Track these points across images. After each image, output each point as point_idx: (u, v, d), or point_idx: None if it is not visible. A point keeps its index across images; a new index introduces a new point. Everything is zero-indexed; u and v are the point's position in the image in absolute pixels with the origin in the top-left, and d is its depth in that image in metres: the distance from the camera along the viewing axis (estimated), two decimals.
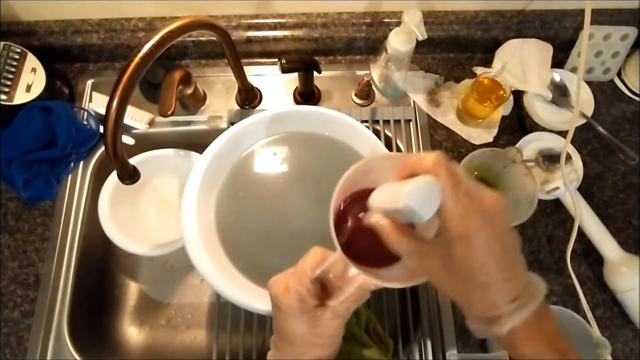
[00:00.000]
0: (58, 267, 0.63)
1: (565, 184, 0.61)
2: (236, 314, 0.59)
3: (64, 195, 0.66)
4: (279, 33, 0.71)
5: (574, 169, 0.65)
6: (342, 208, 0.33)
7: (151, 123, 0.71)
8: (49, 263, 0.63)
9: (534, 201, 0.56)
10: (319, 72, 0.63)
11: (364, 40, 0.73)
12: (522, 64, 0.70)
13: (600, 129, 0.68)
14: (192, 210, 0.50)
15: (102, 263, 0.72)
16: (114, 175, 0.65)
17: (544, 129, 0.70)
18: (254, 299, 0.47)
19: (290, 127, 0.58)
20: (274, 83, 0.74)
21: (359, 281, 0.32)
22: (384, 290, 0.48)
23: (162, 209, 0.72)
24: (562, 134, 0.69)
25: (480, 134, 0.70)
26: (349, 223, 0.33)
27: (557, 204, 0.65)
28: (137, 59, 0.42)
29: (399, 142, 0.70)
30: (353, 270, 0.32)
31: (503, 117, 0.71)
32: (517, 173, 0.59)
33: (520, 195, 0.60)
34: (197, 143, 0.71)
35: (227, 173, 0.56)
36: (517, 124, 0.72)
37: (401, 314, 0.60)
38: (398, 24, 0.61)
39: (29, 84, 0.65)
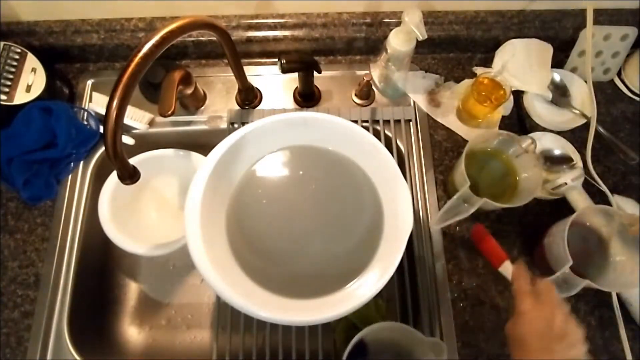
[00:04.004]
0: (58, 267, 0.63)
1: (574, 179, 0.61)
2: (236, 314, 0.59)
3: (64, 195, 0.66)
4: (279, 33, 0.71)
5: (579, 166, 0.65)
6: None
7: (151, 123, 0.71)
8: (49, 263, 0.63)
9: (534, 192, 0.56)
10: (319, 72, 0.63)
11: (364, 40, 0.73)
12: (522, 64, 0.70)
13: (601, 129, 0.68)
14: (196, 210, 0.49)
15: (102, 263, 0.72)
16: (114, 175, 0.65)
17: (544, 129, 0.70)
18: (252, 302, 0.47)
19: (305, 139, 0.57)
20: (274, 83, 0.74)
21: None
22: (384, 293, 0.51)
23: (162, 209, 0.72)
24: (562, 134, 0.69)
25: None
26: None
27: (558, 204, 0.65)
28: (137, 59, 0.41)
29: (399, 142, 0.70)
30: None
31: (503, 117, 0.71)
32: (527, 162, 0.59)
33: (523, 182, 0.60)
34: (197, 143, 0.71)
35: (240, 179, 0.56)
36: (517, 124, 0.72)
37: (401, 316, 0.61)
38: (398, 24, 0.61)
39: (29, 84, 0.65)
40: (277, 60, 0.59)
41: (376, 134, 0.68)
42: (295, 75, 0.66)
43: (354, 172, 0.57)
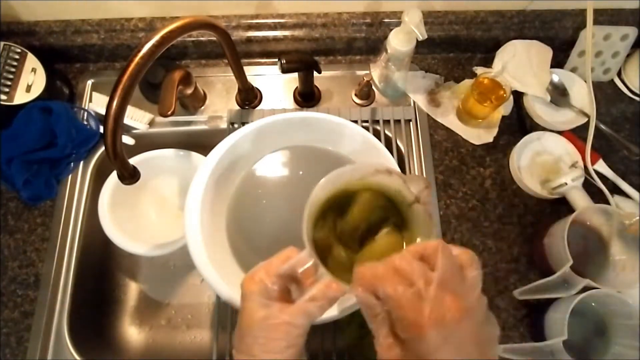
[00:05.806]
0: (58, 267, 0.63)
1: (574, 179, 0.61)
2: (236, 314, 0.59)
3: (64, 195, 0.66)
4: (279, 33, 0.71)
5: (579, 166, 0.66)
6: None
7: (151, 123, 0.71)
8: (49, 263, 0.63)
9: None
10: (319, 72, 0.63)
11: (364, 40, 0.73)
12: (522, 65, 0.70)
13: (602, 126, 0.68)
14: (196, 210, 0.49)
15: (102, 263, 0.72)
16: (114, 175, 0.65)
17: (544, 129, 0.70)
18: None
19: (304, 139, 0.57)
20: (274, 83, 0.74)
21: (324, 283, 0.30)
22: None
23: (162, 209, 0.72)
24: (562, 134, 0.69)
25: (480, 134, 0.70)
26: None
27: (558, 203, 0.65)
28: (137, 59, 0.42)
29: (399, 142, 0.70)
30: (323, 273, 0.31)
31: (503, 117, 0.71)
32: (420, 215, 0.36)
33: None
34: (197, 143, 0.71)
35: (240, 179, 0.56)
36: (517, 124, 0.72)
37: None
38: (398, 24, 0.61)
39: (29, 84, 0.65)
40: (277, 60, 0.59)
41: (376, 134, 0.68)
42: (295, 75, 0.66)
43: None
